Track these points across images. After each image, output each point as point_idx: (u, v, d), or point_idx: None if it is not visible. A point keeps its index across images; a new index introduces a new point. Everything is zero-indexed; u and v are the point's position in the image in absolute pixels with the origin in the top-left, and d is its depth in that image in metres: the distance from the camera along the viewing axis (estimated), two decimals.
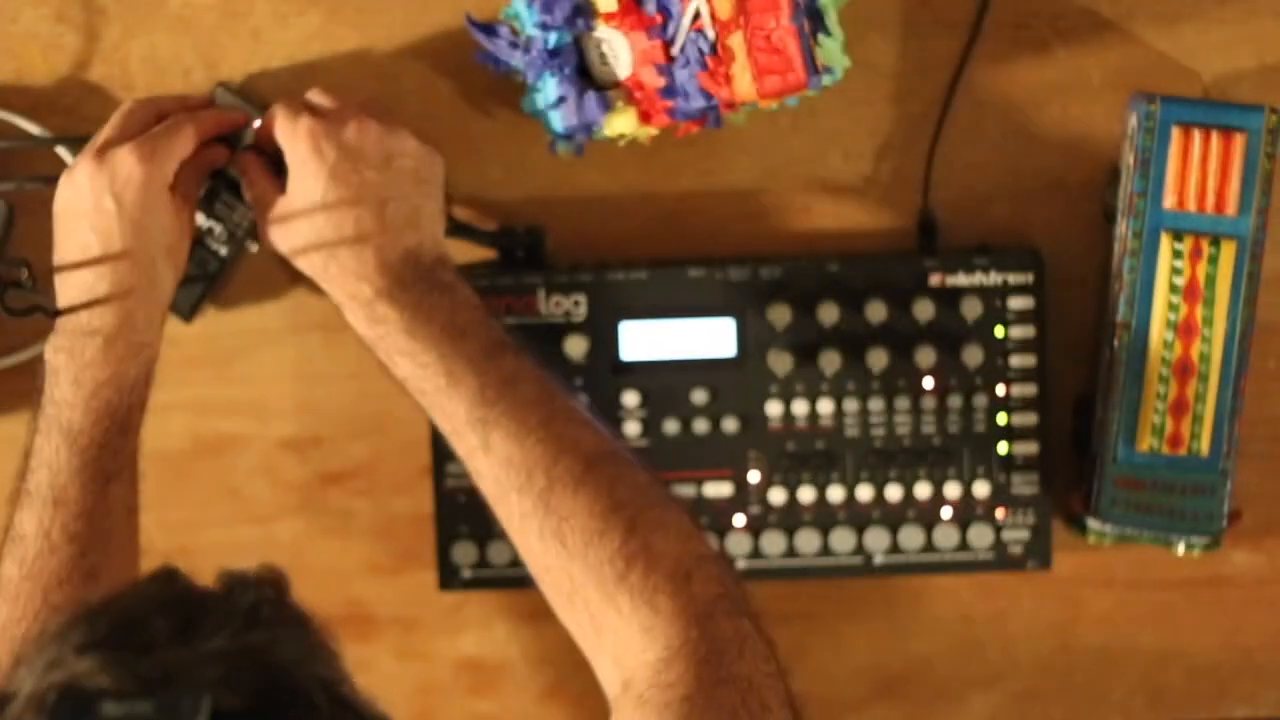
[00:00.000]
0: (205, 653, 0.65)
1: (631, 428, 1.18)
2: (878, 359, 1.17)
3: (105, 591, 1.02)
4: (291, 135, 1.06)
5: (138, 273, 1.07)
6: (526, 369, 1.05)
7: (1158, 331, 1.13)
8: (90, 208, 1.06)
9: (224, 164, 1.13)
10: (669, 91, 1.12)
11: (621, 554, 0.97)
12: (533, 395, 1.03)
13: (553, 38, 1.11)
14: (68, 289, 1.07)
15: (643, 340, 1.18)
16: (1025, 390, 1.17)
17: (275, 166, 1.09)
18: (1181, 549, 1.17)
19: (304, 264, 1.08)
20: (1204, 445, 1.14)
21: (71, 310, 1.07)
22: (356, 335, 1.20)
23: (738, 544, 1.18)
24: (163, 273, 1.08)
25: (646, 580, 0.96)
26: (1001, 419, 1.18)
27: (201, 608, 0.68)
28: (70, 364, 1.07)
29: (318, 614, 0.69)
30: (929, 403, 1.18)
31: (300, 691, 0.66)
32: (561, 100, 1.12)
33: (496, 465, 1.02)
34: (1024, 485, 1.18)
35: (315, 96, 1.09)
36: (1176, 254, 1.13)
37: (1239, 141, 1.12)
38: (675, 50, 1.11)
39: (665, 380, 1.18)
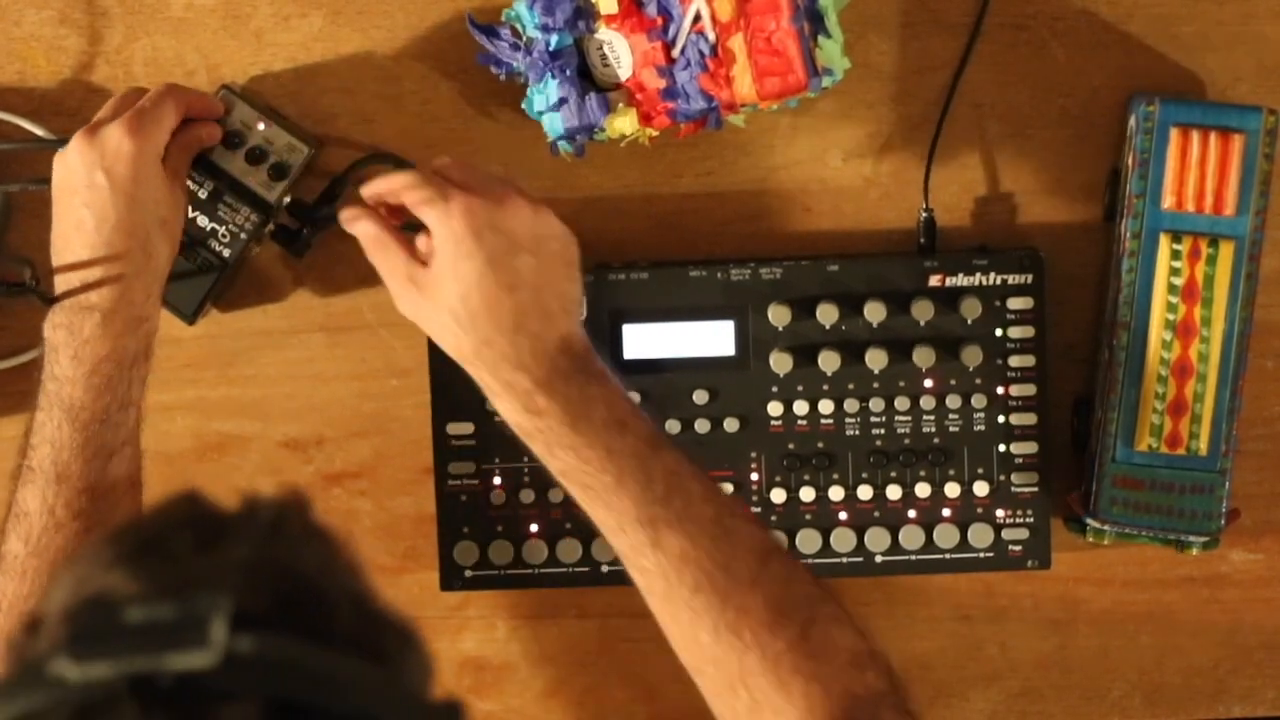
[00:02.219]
0: (227, 561, 0.65)
1: None
2: (878, 359, 1.17)
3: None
4: (445, 214, 1.02)
5: (133, 246, 1.07)
6: (685, 462, 1.02)
7: (1156, 332, 1.14)
8: (83, 184, 1.07)
9: (214, 143, 1.14)
10: (670, 93, 1.12)
11: (801, 645, 0.97)
12: (699, 491, 1.01)
13: (554, 39, 1.12)
14: (59, 265, 1.08)
15: (643, 341, 1.18)
16: (1024, 390, 1.18)
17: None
18: (1180, 548, 1.17)
19: (449, 344, 1.04)
20: (1202, 445, 1.14)
21: (70, 294, 1.07)
22: (356, 339, 1.21)
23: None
24: (158, 245, 1.08)
25: (823, 669, 0.96)
26: (1001, 419, 1.18)
27: (224, 522, 0.69)
28: (69, 340, 1.07)
29: (342, 530, 0.69)
30: (929, 403, 1.18)
31: (323, 599, 0.66)
32: (563, 102, 1.13)
33: (668, 562, 0.99)
34: (1023, 485, 1.19)
35: (455, 171, 1.05)
36: (1175, 254, 1.13)
37: (1237, 142, 1.13)
38: (676, 52, 1.12)
39: (666, 380, 1.19)
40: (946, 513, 1.19)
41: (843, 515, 1.19)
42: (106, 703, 0.60)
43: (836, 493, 1.18)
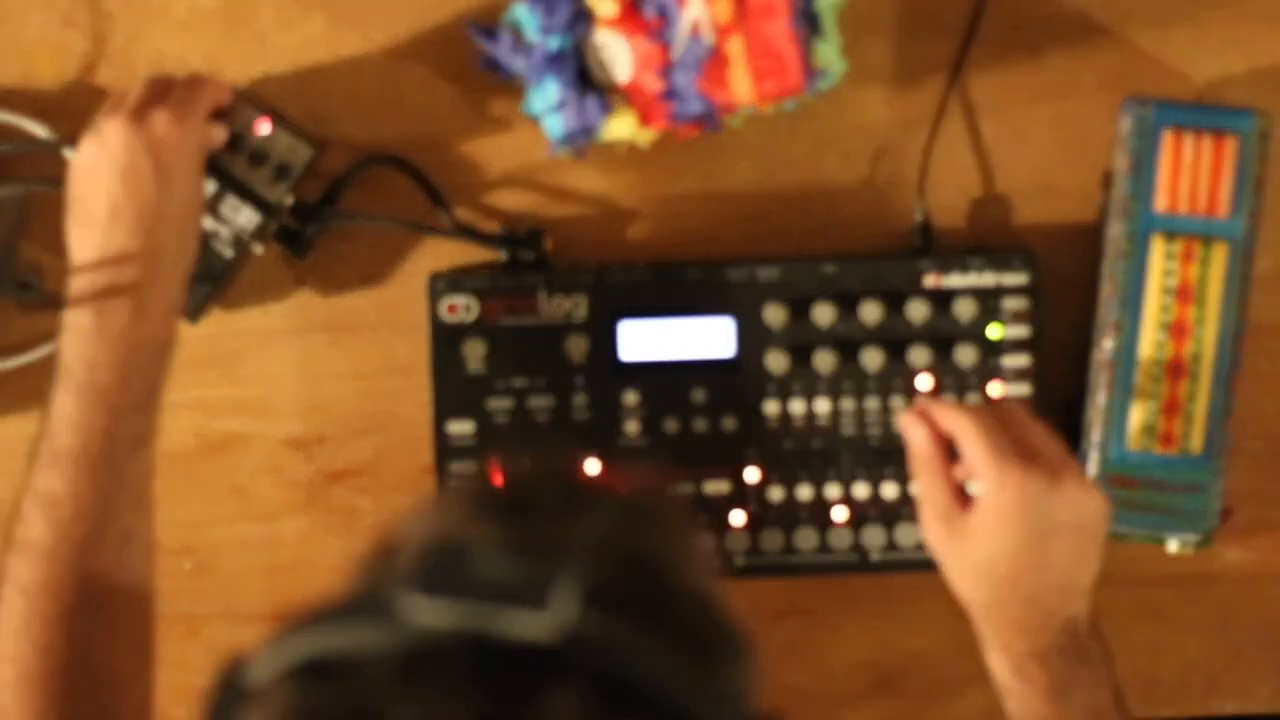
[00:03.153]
0: (587, 530, 0.65)
1: (631, 427, 1.19)
2: (873, 359, 1.18)
3: (147, 554, 1.03)
4: (999, 484, 1.02)
5: (170, 233, 1.07)
6: None
7: (1150, 332, 1.14)
8: (124, 167, 1.06)
9: (220, 144, 1.14)
10: (668, 95, 1.13)
11: None
12: None
13: (553, 42, 1.12)
14: (88, 249, 1.06)
15: (642, 340, 1.19)
16: (1019, 390, 1.18)
17: None
18: (1174, 547, 1.18)
19: (962, 589, 1.06)
20: (1196, 445, 1.15)
21: (80, 300, 1.07)
22: (357, 338, 1.22)
23: (736, 542, 1.19)
24: (190, 235, 1.09)
25: None
26: None
27: (588, 492, 0.69)
28: (103, 325, 1.05)
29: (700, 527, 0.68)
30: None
31: (670, 591, 0.65)
32: (562, 104, 1.13)
33: None
34: None
35: (1019, 424, 1.04)
36: (1168, 256, 1.14)
37: (1230, 144, 1.13)
38: (674, 54, 1.12)
39: (664, 380, 1.19)
40: None
41: (839, 514, 1.19)
42: (440, 652, 0.60)
43: (833, 491, 1.19)
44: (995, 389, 1.18)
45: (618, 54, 1.13)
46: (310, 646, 0.62)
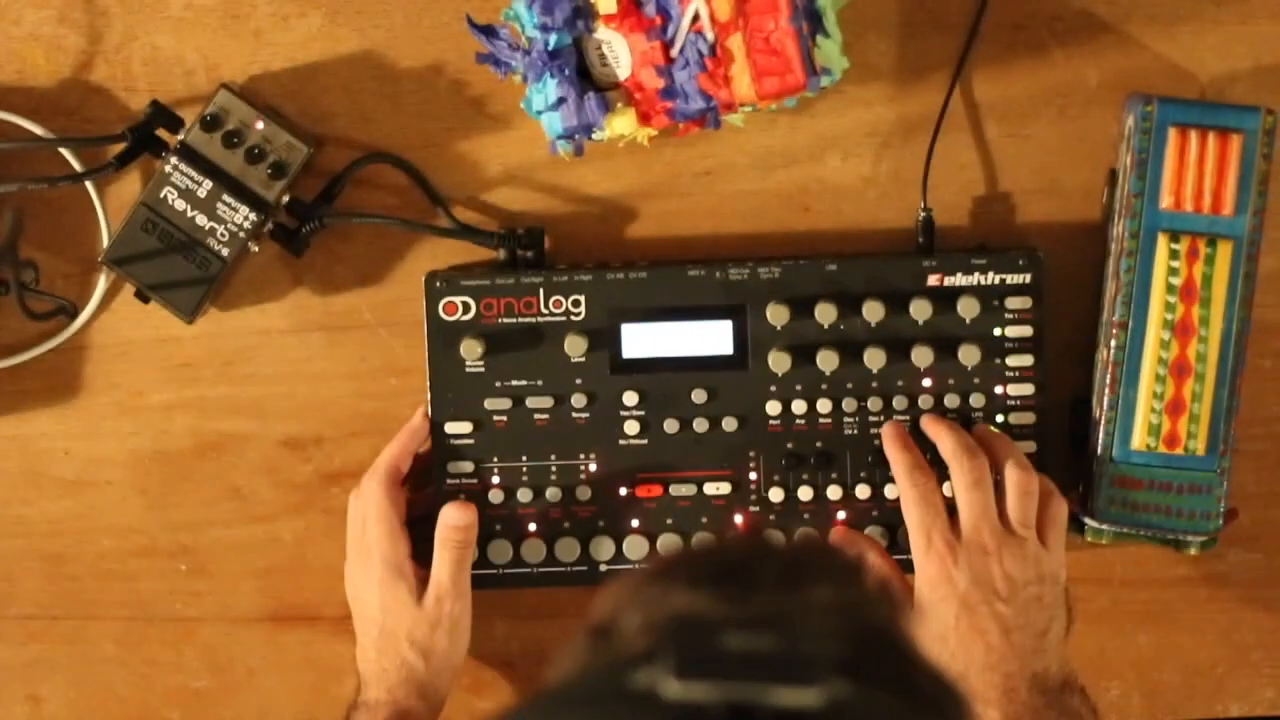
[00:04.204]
0: (814, 601, 0.65)
1: (631, 427, 1.18)
2: (875, 359, 1.17)
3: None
4: (925, 555, 1.10)
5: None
6: None
7: (1155, 331, 1.14)
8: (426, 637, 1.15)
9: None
10: (668, 93, 1.12)
11: None
12: None
13: (553, 39, 1.12)
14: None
15: (642, 340, 1.19)
16: (1022, 390, 1.18)
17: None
18: (1178, 548, 1.17)
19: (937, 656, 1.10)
20: (1200, 445, 1.14)
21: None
22: (355, 338, 1.21)
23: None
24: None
25: None
26: (999, 419, 1.18)
27: (800, 560, 0.69)
28: None
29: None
30: (927, 402, 1.18)
31: (903, 654, 0.66)
32: (561, 101, 1.13)
33: None
34: None
35: (962, 484, 1.12)
36: (1173, 254, 1.13)
37: (1235, 142, 1.13)
38: (675, 52, 1.12)
39: (665, 380, 1.19)
40: None
41: (841, 514, 1.19)
42: None
43: (834, 492, 1.19)
44: (999, 389, 1.18)
45: (617, 51, 1.13)
46: None
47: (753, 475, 1.19)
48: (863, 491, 1.18)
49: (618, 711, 0.60)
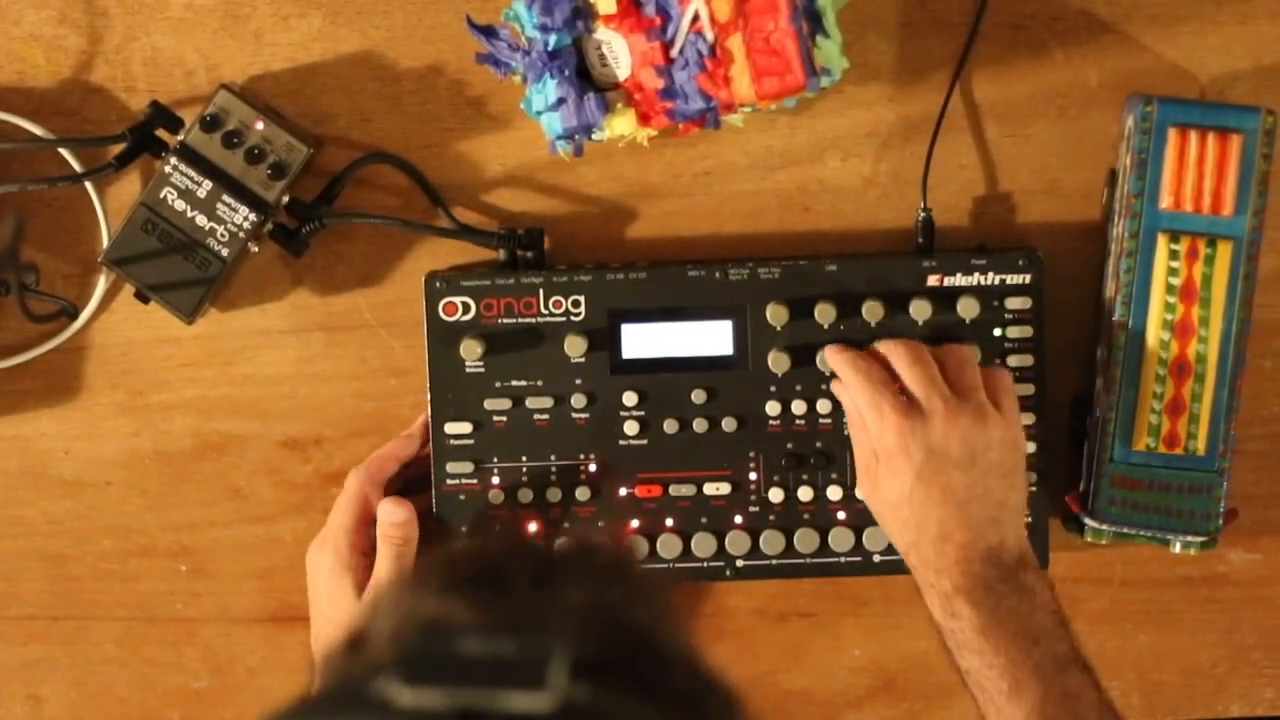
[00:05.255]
0: (564, 603, 0.65)
1: (631, 427, 1.18)
2: None
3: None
4: (880, 427, 1.09)
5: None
6: (1090, 690, 1.05)
7: (1154, 332, 1.14)
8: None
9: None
10: (668, 93, 1.12)
11: None
12: (1092, 719, 1.04)
13: (552, 39, 1.12)
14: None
15: (642, 340, 1.18)
16: (1022, 390, 1.18)
17: None
18: (1178, 548, 1.17)
19: (889, 532, 1.12)
20: (1200, 445, 1.14)
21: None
22: (355, 338, 1.21)
23: (737, 543, 1.18)
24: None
25: None
26: None
27: (556, 562, 0.69)
28: None
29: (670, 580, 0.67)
30: None
31: (656, 654, 0.65)
32: (561, 102, 1.13)
33: None
34: None
35: (903, 368, 1.10)
36: (1173, 254, 1.13)
37: (1235, 142, 1.13)
38: (674, 52, 1.12)
39: (664, 380, 1.19)
40: None
41: (841, 515, 1.19)
42: None
43: (835, 492, 1.18)
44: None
45: (617, 51, 1.13)
46: None
47: (752, 475, 1.19)
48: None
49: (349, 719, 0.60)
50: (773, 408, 1.18)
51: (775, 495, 1.19)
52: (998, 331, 1.18)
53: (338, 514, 1.16)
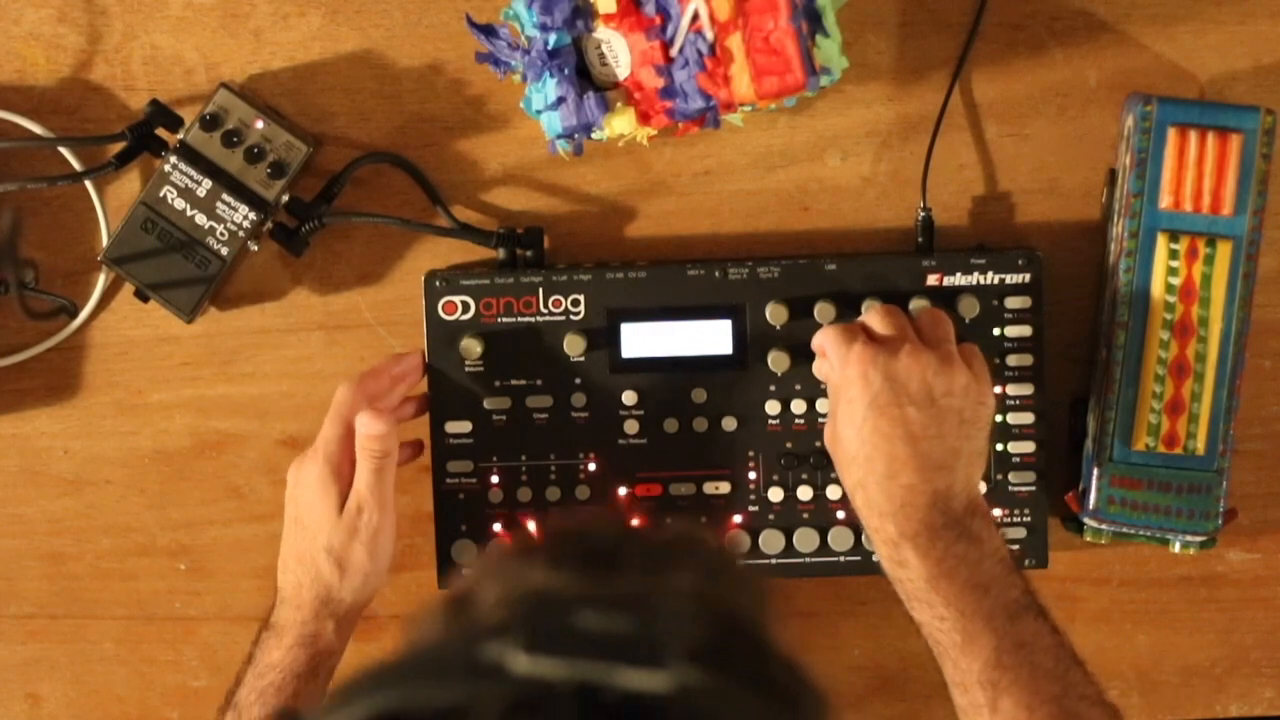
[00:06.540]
0: (676, 586, 0.65)
1: (631, 426, 1.18)
2: None
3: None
4: (844, 358, 1.07)
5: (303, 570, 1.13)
6: (1045, 635, 1.04)
7: (1154, 331, 1.14)
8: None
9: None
10: (668, 92, 1.12)
11: None
12: (1049, 665, 1.02)
13: (552, 38, 1.12)
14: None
15: (642, 340, 1.19)
16: (1022, 389, 1.18)
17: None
18: (1177, 548, 1.17)
19: (840, 472, 1.09)
20: (1200, 444, 1.14)
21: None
22: (354, 337, 1.21)
23: (736, 542, 1.18)
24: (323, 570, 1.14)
25: None
26: (998, 418, 1.18)
27: (667, 546, 0.68)
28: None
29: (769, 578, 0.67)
30: None
31: (760, 645, 0.65)
32: (561, 101, 1.13)
33: None
34: (1021, 484, 1.19)
35: (875, 320, 1.09)
36: (1173, 254, 1.13)
37: (1235, 142, 1.13)
38: (674, 51, 1.12)
39: (664, 379, 1.19)
40: None
41: (840, 514, 1.19)
42: (546, 702, 0.58)
43: (834, 492, 1.18)
44: (998, 389, 1.17)
45: (617, 50, 1.13)
46: (392, 702, 0.60)
47: (752, 475, 1.19)
48: None
49: (465, 682, 0.59)
50: (772, 407, 1.18)
51: (775, 494, 1.19)
52: (997, 331, 1.18)
53: (325, 427, 1.13)
